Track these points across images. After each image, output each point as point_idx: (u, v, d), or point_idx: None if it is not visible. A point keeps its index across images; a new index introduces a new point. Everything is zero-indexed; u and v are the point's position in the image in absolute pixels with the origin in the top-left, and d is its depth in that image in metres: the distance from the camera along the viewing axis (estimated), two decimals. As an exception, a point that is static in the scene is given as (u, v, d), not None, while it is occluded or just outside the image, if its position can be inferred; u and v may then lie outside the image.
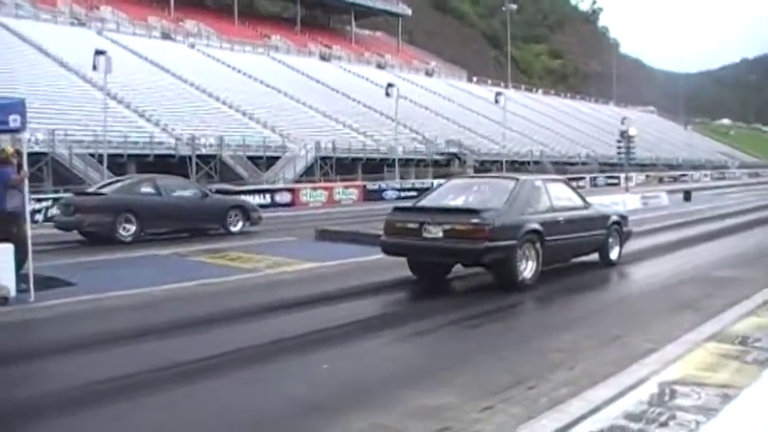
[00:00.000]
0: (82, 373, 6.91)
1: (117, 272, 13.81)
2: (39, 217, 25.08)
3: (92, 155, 37.69)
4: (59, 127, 39.28)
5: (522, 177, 12.34)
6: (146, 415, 5.80)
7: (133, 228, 18.83)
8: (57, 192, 30.42)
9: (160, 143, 43.38)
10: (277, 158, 48.02)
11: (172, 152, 42.81)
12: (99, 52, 34.38)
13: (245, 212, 21.80)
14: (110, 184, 21.51)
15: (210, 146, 44.87)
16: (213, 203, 21.36)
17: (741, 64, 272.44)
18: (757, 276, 11.96)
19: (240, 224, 21.27)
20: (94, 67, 35.58)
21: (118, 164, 37.90)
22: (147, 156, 41.24)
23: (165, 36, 73.26)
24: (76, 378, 6.74)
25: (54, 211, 25.74)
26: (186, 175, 35.43)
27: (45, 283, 10.97)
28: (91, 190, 21.85)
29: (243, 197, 27.64)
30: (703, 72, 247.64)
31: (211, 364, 7.22)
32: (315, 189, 40.68)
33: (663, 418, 5.07)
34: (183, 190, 21.07)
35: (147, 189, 19.86)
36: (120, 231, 18.62)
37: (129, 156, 40.32)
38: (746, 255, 15.35)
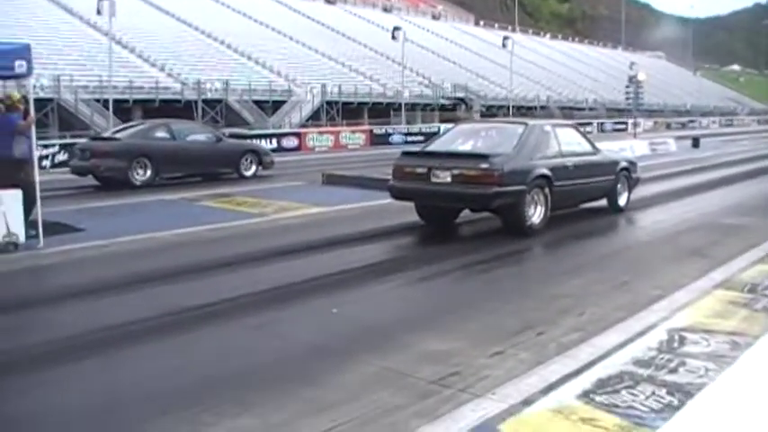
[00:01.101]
0: (89, 320, 6.94)
1: (125, 217, 13.81)
2: (46, 163, 25.07)
3: (97, 100, 37.56)
4: (64, 72, 39.04)
5: (531, 122, 12.24)
6: (153, 360, 5.83)
7: (148, 172, 19.01)
8: (63, 137, 30.38)
9: (166, 88, 43.15)
10: (283, 103, 47.80)
11: (178, 97, 42.62)
12: (103, -5, 34.02)
13: (258, 157, 21.99)
14: (125, 129, 21.62)
15: (216, 90, 44.64)
16: (227, 148, 21.43)
17: (754, 8, 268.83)
18: (765, 224, 11.93)
19: (253, 168, 21.46)
20: (98, 12, 35.23)
21: (123, 109, 37.78)
22: (152, 101, 41.07)
23: (170, -21, 72.48)
24: (83, 324, 6.76)
25: (61, 156, 25.87)
26: (191, 120, 35.27)
27: (53, 229, 10.93)
28: (106, 135, 21.99)
29: (256, 141, 27.66)
30: (713, 17, 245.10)
31: (218, 309, 7.23)
32: (321, 134, 40.53)
33: (672, 365, 5.09)
34: (198, 135, 21.21)
35: (161, 134, 19.99)
36: (136, 176, 18.76)
37: (135, 101, 40.18)
38: (754, 202, 15.30)
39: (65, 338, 6.33)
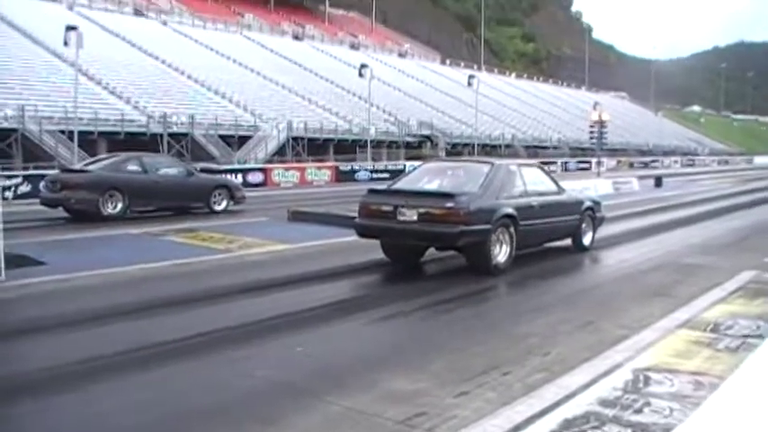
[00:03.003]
0: (50, 355, 6.84)
1: (88, 251, 13.66)
2: (8, 194, 24.82)
3: (62, 131, 37.37)
4: (29, 103, 38.91)
5: (497, 162, 12.32)
6: (116, 397, 5.74)
7: (119, 205, 18.89)
8: (27, 168, 30.14)
9: (131, 121, 43.08)
10: (249, 138, 47.86)
11: (143, 130, 42.56)
12: (70, 27, 33.90)
13: (230, 191, 21.91)
14: (96, 161, 21.55)
15: (182, 124, 44.62)
16: (198, 182, 21.42)
17: (712, 52, 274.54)
18: (727, 263, 12.04)
19: (224, 203, 21.41)
20: (65, 43, 35.12)
21: (88, 141, 37.65)
22: (118, 133, 41.00)
23: (138, 12, 72.76)
24: (45, 360, 6.65)
25: (24, 188, 25.65)
26: (157, 153, 35.12)
27: (15, 261, 10.82)
28: (77, 167, 21.85)
29: (227, 176, 27.68)
30: (674, 59, 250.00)
31: (183, 346, 7.16)
32: (287, 169, 40.54)
33: (637, 405, 5.11)
34: (169, 168, 21.15)
35: (133, 167, 19.91)
36: (106, 209, 18.65)
37: (100, 133, 40.09)
38: (717, 242, 15.46)
39: (21, 374, 6.22)
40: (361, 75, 51.28)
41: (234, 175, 33.77)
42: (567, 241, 13.46)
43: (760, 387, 2.98)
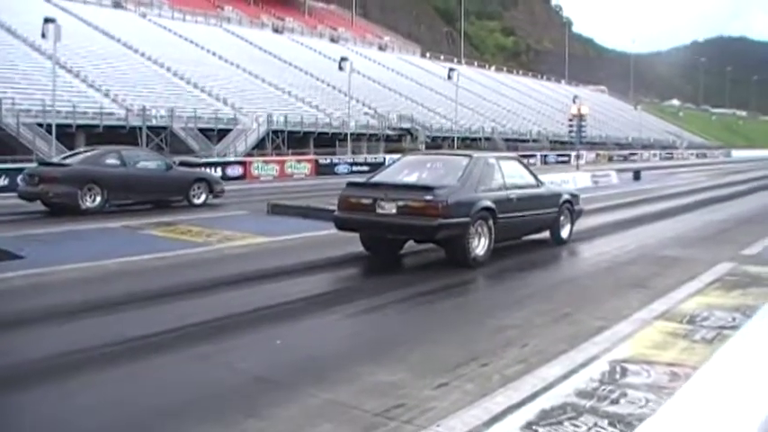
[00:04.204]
0: (26, 350, 6.81)
1: (67, 244, 13.63)
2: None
3: (40, 125, 37.12)
4: (6, 96, 38.60)
5: (476, 155, 12.36)
6: (94, 391, 5.72)
7: (98, 199, 18.83)
8: (4, 162, 29.91)
9: (110, 114, 42.83)
10: (228, 131, 47.74)
11: (122, 123, 42.31)
12: (48, 20, 33.62)
13: (209, 185, 21.91)
14: (75, 154, 21.45)
15: (161, 117, 44.41)
16: (177, 176, 21.36)
17: (691, 46, 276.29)
18: (705, 256, 12.15)
19: (204, 196, 21.39)
20: (43, 35, 34.81)
21: (66, 134, 37.38)
22: (96, 126, 40.71)
23: (116, 5, 72.29)
24: (22, 354, 6.64)
25: (1, 181, 25.50)
26: (136, 146, 34.95)
27: (-7, 255, 10.78)
28: (55, 160, 21.77)
29: (206, 170, 27.63)
30: (654, 53, 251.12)
31: (162, 339, 7.14)
32: (266, 162, 40.40)
33: (614, 396, 5.16)
34: (148, 162, 21.07)
35: (112, 161, 19.80)
36: (85, 202, 18.59)
37: (79, 126, 39.80)
38: (694, 234, 15.59)
39: (1, 368, 6.19)
40: (341, 68, 51.15)
41: (213, 169, 33.66)
42: (546, 234, 13.52)
43: (731, 377, 3.01)
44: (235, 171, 37.15)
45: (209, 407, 5.37)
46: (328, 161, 43.78)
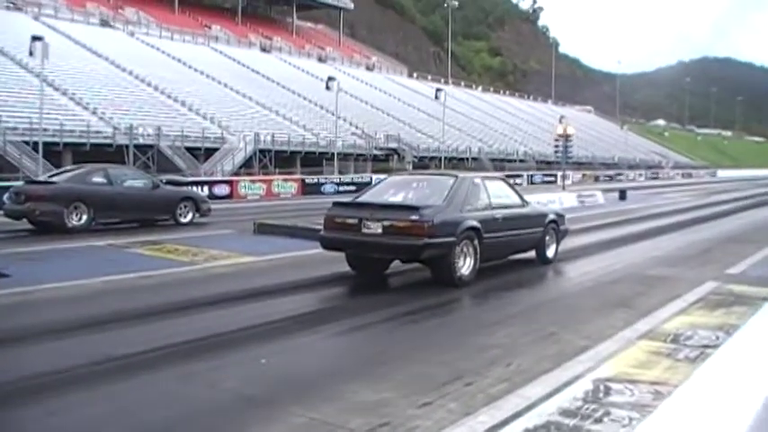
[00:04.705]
0: (11, 368, 6.79)
1: (52, 263, 13.57)
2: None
3: (26, 142, 37.01)
4: (-7, 113, 38.54)
5: (461, 175, 12.41)
6: (79, 410, 5.72)
7: (84, 217, 18.76)
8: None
9: (97, 132, 42.74)
10: (215, 150, 47.70)
11: (109, 141, 42.26)
12: (36, 38, 33.60)
13: (196, 204, 21.87)
14: (61, 173, 21.38)
15: (148, 136, 44.34)
16: (163, 194, 21.32)
17: (677, 66, 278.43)
18: (689, 275, 12.23)
19: (190, 215, 21.35)
20: (31, 53, 34.79)
21: (54, 152, 37.30)
22: (83, 144, 40.66)
23: (104, 23, 72.24)
24: (7, 373, 6.60)
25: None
26: (123, 165, 34.92)
27: (-23, 273, 10.74)
28: (42, 178, 21.75)
29: (192, 188, 27.63)
30: (640, 73, 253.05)
31: (147, 358, 7.14)
32: (253, 182, 40.44)
33: (597, 415, 5.18)
34: (135, 181, 21.04)
35: (98, 179, 19.75)
36: (71, 221, 18.53)
37: (66, 144, 39.74)
38: (679, 253, 15.66)
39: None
40: (328, 87, 51.24)
41: (200, 188, 33.65)
42: (531, 254, 13.56)
43: (712, 394, 3.05)
44: (222, 190, 37.15)
45: (193, 426, 5.38)
46: (315, 181, 43.82)
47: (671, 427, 2.65)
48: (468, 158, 68.33)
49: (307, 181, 43.19)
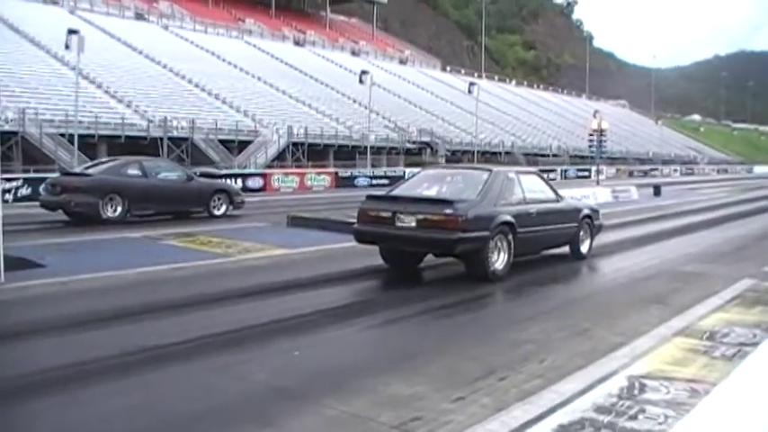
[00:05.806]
0: (48, 358, 6.84)
1: (88, 254, 13.65)
2: (9, 197, 24.86)
3: (62, 135, 37.37)
4: (30, 106, 38.98)
5: (496, 169, 12.34)
6: (108, 401, 5.73)
7: (119, 209, 18.95)
8: (27, 171, 30.16)
9: (132, 125, 43.08)
10: (249, 143, 47.86)
11: (143, 134, 42.57)
12: (72, 31, 33.87)
13: (229, 196, 22.00)
14: (96, 164, 21.57)
15: (182, 128, 44.61)
16: (198, 187, 21.46)
17: (713, 60, 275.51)
18: (725, 272, 12.09)
19: (224, 208, 21.49)
20: (67, 47, 35.07)
21: (88, 144, 37.63)
22: (118, 137, 41.00)
23: (139, 17, 72.75)
24: (42, 363, 6.66)
25: (24, 190, 25.74)
26: (157, 157, 35.13)
27: (15, 264, 10.83)
28: (77, 170, 21.93)
29: (226, 181, 27.75)
30: (675, 68, 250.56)
31: (181, 349, 7.17)
32: (287, 175, 40.57)
33: (632, 412, 5.13)
34: (169, 173, 21.23)
35: (133, 171, 19.92)
36: (106, 212, 18.71)
37: (101, 137, 40.09)
38: (714, 250, 15.48)
39: (18, 377, 6.23)
40: (361, 81, 51.25)
41: (233, 180, 33.80)
42: (565, 249, 13.48)
43: (750, 393, 3.00)
44: (255, 183, 37.33)
45: (224, 417, 5.39)
46: (348, 174, 43.90)
47: (710, 426, 2.60)
48: (501, 153, 68.00)
49: (340, 174, 43.28)
